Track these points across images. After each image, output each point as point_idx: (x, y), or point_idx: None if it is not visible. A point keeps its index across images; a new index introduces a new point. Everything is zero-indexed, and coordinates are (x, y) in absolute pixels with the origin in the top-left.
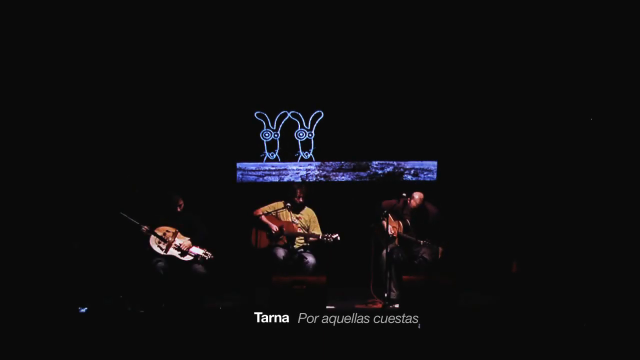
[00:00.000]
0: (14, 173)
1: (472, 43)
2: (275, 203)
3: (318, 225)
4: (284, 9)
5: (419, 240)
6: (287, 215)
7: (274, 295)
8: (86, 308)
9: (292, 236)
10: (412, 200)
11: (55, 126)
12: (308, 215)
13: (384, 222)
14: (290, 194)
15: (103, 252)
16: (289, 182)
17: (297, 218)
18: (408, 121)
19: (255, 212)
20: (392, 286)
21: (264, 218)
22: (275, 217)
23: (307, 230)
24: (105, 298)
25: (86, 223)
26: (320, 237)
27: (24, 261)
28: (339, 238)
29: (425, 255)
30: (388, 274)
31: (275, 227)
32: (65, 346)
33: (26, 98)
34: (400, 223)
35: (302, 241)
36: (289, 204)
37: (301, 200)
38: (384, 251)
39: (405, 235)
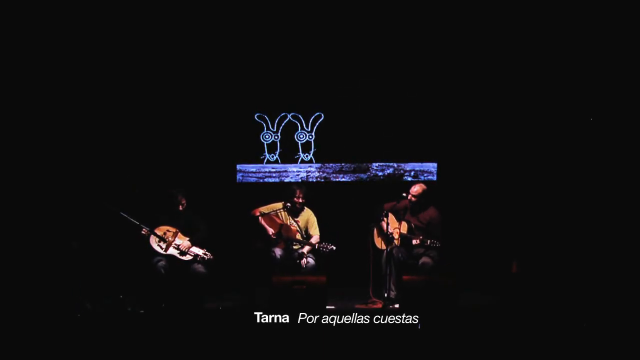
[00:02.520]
0: (13, 173)
1: (472, 44)
2: (274, 204)
3: (316, 227)
4: (284, 11)
5: (426, 241)
6: (285, 217)
7: (274, 295)
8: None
9: (289, 240)
10: (411, 193)
11: (56, 126)
12: (307, 216)
13: (384, 222)
14: (290, 195)
15: (103, 252)
16: (289, 183)
17: (296, 221)
18: (408, 123)
19: (253, 212)
20: (391, 286)
21: (261, 221)
22: (273, 218)
23: (305, 231)
24: (105, 298)
25: (86, 223)
26: (317, 247)
27: (24, 261)
28: (334, 248)
29: (426, 260)
30: (388, 272)
31: (271, 231)
32: (65, 346)
33: (26, 98)
34: (405, 224)
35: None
36: (288, 204)
37: (301, 200)
38: (384, 251)
39: (409, 235)
